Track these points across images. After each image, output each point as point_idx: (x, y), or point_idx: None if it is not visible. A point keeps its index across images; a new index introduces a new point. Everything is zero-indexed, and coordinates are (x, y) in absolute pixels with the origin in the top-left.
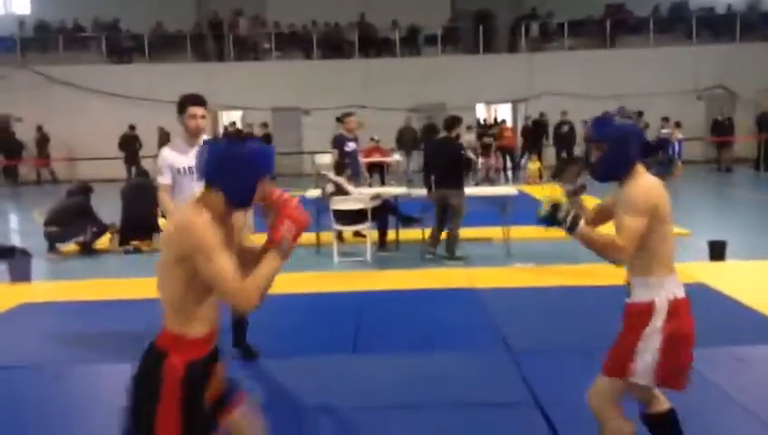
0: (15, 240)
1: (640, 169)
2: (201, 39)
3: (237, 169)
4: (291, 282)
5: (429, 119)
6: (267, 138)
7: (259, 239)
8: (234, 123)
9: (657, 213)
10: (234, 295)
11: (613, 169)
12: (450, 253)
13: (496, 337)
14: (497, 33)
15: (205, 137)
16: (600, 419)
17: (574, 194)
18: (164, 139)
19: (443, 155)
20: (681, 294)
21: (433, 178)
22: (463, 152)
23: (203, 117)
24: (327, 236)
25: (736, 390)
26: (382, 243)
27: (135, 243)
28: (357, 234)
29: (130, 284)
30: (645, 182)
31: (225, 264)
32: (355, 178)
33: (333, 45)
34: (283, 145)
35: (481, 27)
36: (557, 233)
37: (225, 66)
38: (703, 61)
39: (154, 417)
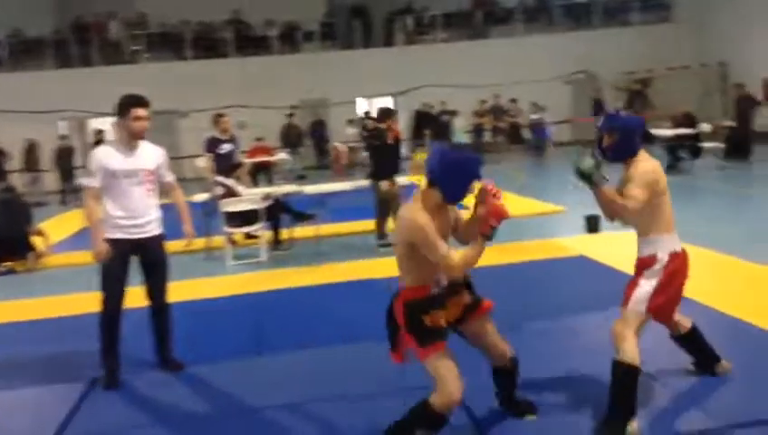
0: None
1: (643, 154)
2: (64, 44)
3: (457, 174)
4: (185, 289)
5: (316, 115)
6: None
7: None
8: (101, 131)
9: (657, 187)
10: (448, 268)
11: (622, 154)
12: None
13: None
14: (374, 27)
15: (143, 142)
16: (616, 342)
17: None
18: (32, 151)
19: (380, 144)
20: (679, 248)
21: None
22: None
23: (147, 118)
24: (218, 241)
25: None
26: (277, 242)
27: (8, 263)
28: (249, 236)
29: (8, 307)
30: (650, 163)
31: (441, 246)
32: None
33: (208, 45)
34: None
35: (357, 22)
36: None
37: (93, 71)
38: (566, 48)
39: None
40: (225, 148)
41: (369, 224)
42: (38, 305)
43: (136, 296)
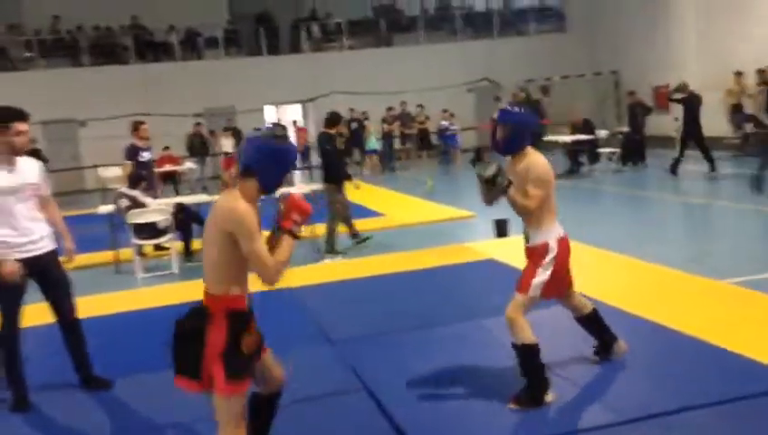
0: None
1: (530, 148)
2: None
3: (274, 162)
4: (93, 304)
5: (229, 122)
6: (35, 153)
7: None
8: None
9: (550, 183)
10: (263, 267)
11: (513, 147)
12: (329, 247)
13: (317, 332)
14: (279, 34)
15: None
16: (510, 323)
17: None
18: None
19: (322, 151)
20: (563, 233)
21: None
22: (329, 148)
23: (26, 133)
24: (126, 254)
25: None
26: (188, 253)
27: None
28: (158, 247)
29: None
30: (540, 159)
31: (260, 240)
32: (152, 190)
33: (106, 51)
34: (59, 160)
35: (262, 29)
36: (365, 226)
37: None
38: (469, 56)
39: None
40: (146, 156)
41: None
42: None
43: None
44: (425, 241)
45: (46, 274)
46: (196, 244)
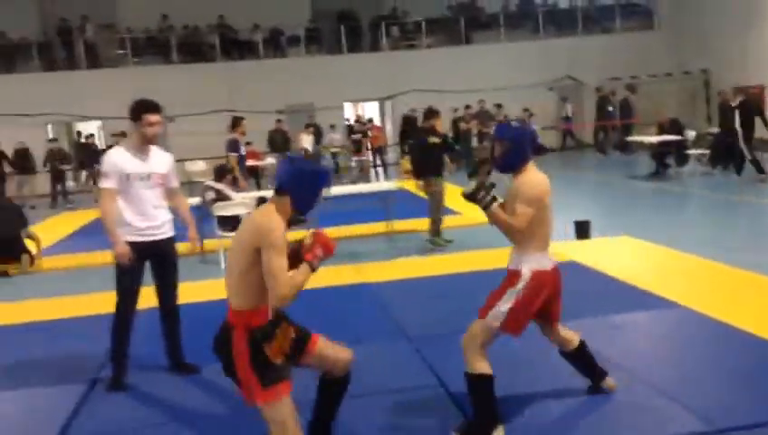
0: None
1: (531, 165)
2: (49, 47)
3: (306, 184)
4: (187, 291)
5: (310, 119)
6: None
7: None
8: (91, 135)
9: (542, 203)
10: (280, 286)
11: (511, 163)
12: (436, 235)
13: (393, 327)
14: (359, 32)
15: (153, 147)
16: (465, 354)
17: (492, 186)
18: (23, 154)
19: (420, 145)
20: (548, 266)
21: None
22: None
23: (160, 123)
24: (212, 244)
25: (617, 354)
26: None
27: (2, 266)
28: None
29: (8, 309)
30: (535, 177)
31: (284, 260)
32: (239, 183)
33: (193, 49)
34: None
35: (343, 27)
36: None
37: (78, 75)
38: (550, 54)
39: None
40: (243, 150)
41: (359, 229)
42: (31, 308)
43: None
44: (502, 240)
45: (162, 259)
46: None
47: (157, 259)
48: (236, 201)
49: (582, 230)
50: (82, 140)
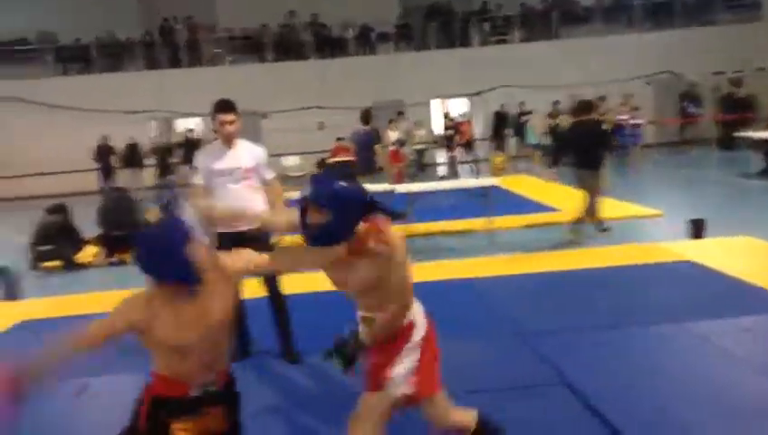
0: None
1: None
2: (151, 47)
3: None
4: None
5: (399, 115)
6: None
7: None
8: (192, 130)
9: (395, 257)
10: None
11: (336, 236)
12: (598, 222)
13: (504, 323)
14: (449, 28)
15: (241, 140)
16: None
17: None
18: (132, 149)
19: (581, 136)
20: (425, 319)
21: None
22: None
23: (231, 122)
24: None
25: (753, 358)
26: None
27: (119, 255)
28: None
29: (121, 296)
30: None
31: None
32: None
33: (288, 47)
34: None
35: (432, 23)
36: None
37: (179, 73)
38: (648, 47)
39: None
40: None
41: (458, 224)
42: None
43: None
44: (607, 238)
45: (255, 247)
46: None
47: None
48: None
49: (697, 229)
50: (185, 136)
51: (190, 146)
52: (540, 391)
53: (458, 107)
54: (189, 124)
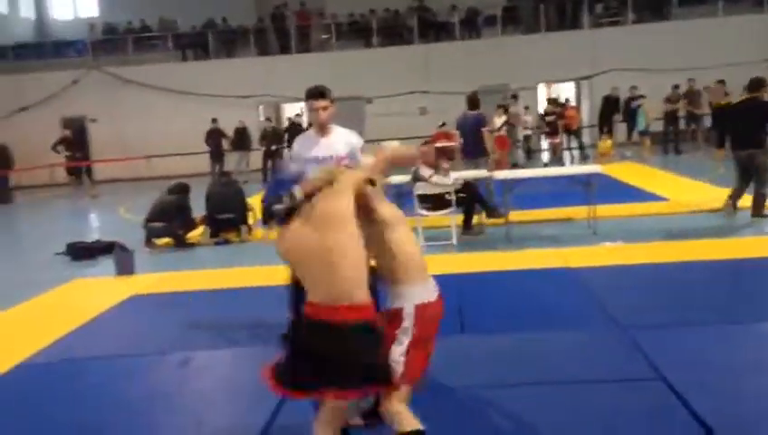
0: (107, 237)
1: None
2: (263, 33)
3: None
4: None
5: (504, 100)
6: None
7: None
8: (299, 114)
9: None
10: None
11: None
12: (758, 211)
13: (603, 315)
14: (561, 10)
15: (336, 127)
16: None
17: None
18: (242, 133)
19: (748, 115)
20: (431, 298)
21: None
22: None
23: (324, 108)
24: (410, 222)
25: None
26: (467, 226)
27: (224, 235)
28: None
29: (227, 274)
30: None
31: None
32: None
33: (393, 32)
34: None
35: (542, 5)
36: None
37: (288, 59)
38: None
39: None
40: None
41: (558, 212)
42: (250, 274)
43: None
44: (716, 231)
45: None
46: (475, 219)
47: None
48: (437, 182)
49: None
50: (292, 121)
51: (296, 130)
52: (633, 385)
53: (566, 92)
54: (296, 109)
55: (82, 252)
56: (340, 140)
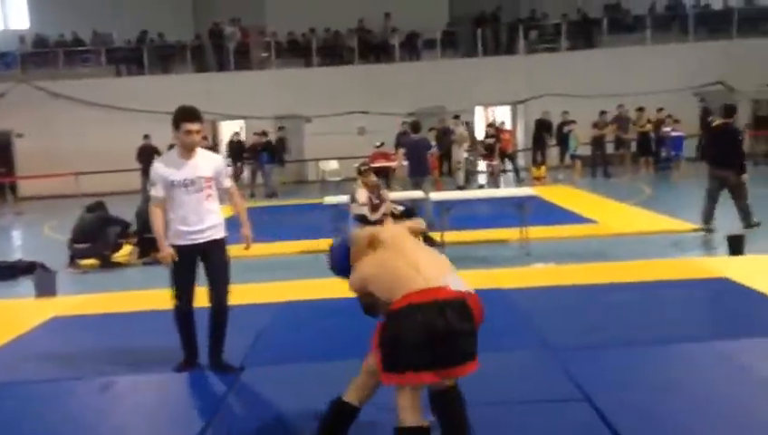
0: (30, 256)
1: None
2: (200, 49)
3: None
4: (317, 288)
5: (440, 122)
6: (268, 145)
7: None
8: (237, 133)
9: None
10: None
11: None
12: (747, 223)
13: (533, 336)
14: (495, 35)
15: (199, 150)
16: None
17: None
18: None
19: (722, 138)
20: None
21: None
22: (741, 138)
23: (198, 132)
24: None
25: None
26: None
27: (154, 255)
28: None
29: (155, 295)
30: None
31: None
32: None
33: (333, 52)
34: (287, 153)
35: (479, 31)
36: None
37: (226, 76)
38: (700, 58)
39: None
40: None
41: (493, 233)
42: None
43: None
44: (642, 252)
45: (207, 260)
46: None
47: (205, 261)
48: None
49: (736, 246)
50: (231, 139)
51: (236, 149)
52: (560, 407)
53: (502, 115)
54: (234, 128)
55: (3, 271)
56: (205, 162)
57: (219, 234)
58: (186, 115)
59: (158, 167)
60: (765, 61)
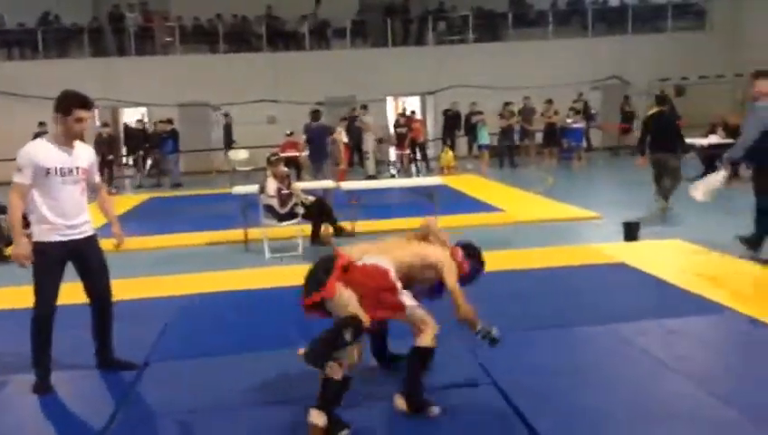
0: None
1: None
2: (100, 33)
3: None
4: (224, 279)
5: (353, 112)
6: (173, 133)
7: None
8: (141, 120)
9: None
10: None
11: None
12: (663, 202)
13: (440, 323)
14: (406, 26)
15: (77, 141)
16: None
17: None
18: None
19: (660, 125)
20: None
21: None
22: (678, 122)
23: (88, 120)
24: (256, 233)
25: (674, 359)
26: (315, 237)
27: (9, 250)
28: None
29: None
30: None
31: None
32: None
33: (241, 39)
34: (192, 142)
35: (389, 21)
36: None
37: (127, 61)
38: (599, 52)
39: None
40: None
41: (402, 222)
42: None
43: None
44: (546, 240)
45: (83, 257)
46: (322, 229)
47: (78, 259)
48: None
49: (631, 232)
50: (132, 126)
51: (135, 137)
52: (466, 391)
53: (412, 105)
54: (136, 115)
55: None
56: (84, 154)
57: (92, 230)
58: (80, 101)
59: (30, 151)
60: (658, 56)
